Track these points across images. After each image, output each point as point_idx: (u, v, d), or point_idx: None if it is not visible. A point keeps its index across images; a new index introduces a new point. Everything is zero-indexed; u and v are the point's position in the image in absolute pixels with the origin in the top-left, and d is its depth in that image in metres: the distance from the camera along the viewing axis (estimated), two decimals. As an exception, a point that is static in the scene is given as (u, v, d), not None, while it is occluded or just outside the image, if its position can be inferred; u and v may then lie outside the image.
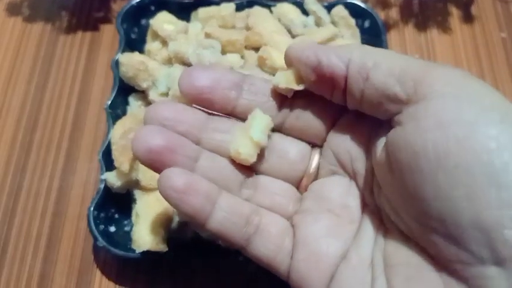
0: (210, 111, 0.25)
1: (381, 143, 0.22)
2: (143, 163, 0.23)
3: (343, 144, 0.25)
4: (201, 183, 0.23)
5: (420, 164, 0.19)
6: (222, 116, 0.25)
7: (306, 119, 0.25)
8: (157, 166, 0.23)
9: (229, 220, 0.23)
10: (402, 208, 0.21)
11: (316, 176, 0.26)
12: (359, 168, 0.24)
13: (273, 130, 0.26)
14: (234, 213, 0.23)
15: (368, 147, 0.24)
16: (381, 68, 0.21)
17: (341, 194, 0.24)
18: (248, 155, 0.24)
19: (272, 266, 0.24)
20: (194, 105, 0.25)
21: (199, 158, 0.24)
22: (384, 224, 0.23)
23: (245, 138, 0.24)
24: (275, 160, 0.26)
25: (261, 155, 0.25)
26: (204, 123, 0.24)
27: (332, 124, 0.25)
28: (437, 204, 0.18)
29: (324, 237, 0.23)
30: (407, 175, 0.19)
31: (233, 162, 0.25)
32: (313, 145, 0.26)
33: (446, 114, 0.18)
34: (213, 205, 0.23)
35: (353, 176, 0.25)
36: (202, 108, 0.25)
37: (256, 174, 0.26)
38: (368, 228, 0.23)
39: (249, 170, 0.25)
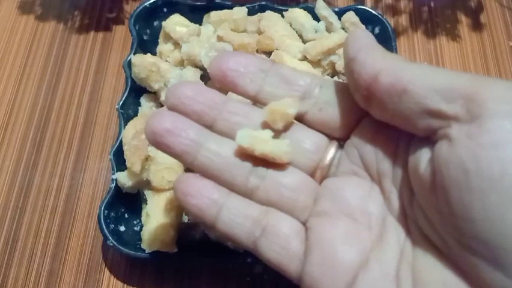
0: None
1: (419, 154, 0.21)
2: (150, 143, 0.24)
3: (369, 144, 0.23)
4: (210, 186, 0.24)
5: (471, 182, 0.18)
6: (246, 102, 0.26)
7: (329, 113, 0.24)
8: (162, 148, 0.24)
9: (235, 222, 0.23)
10: (440, 224, 0.20)
11: (329, 170, 0.25)
12: (385, 172, 0.23)
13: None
14: (240, 215, 0.23)
15: (396, 152, 0.23)
16: (421, 83, 0.20)
17: (361, 197, 0.23)
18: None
19: (281, 268, 0.23)
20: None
21: (206, 141, 0.24)
22: (412, 235, 0.22)
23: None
24: None
25: None
26: (221, 105, 0.25)
27: (357, 121, 0.24)
28: (486, 226, 0.18)
29: (341, 244, 0.22)
30: (454, 193, 0.18)
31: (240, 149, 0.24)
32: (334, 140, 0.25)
33: (502, 134, 0.18)
34: (221, 207, 0.23)
35: (376, 180, 0.23)
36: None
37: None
38: (392, 238, 0.22)
39: (257, 158, 0.24)
